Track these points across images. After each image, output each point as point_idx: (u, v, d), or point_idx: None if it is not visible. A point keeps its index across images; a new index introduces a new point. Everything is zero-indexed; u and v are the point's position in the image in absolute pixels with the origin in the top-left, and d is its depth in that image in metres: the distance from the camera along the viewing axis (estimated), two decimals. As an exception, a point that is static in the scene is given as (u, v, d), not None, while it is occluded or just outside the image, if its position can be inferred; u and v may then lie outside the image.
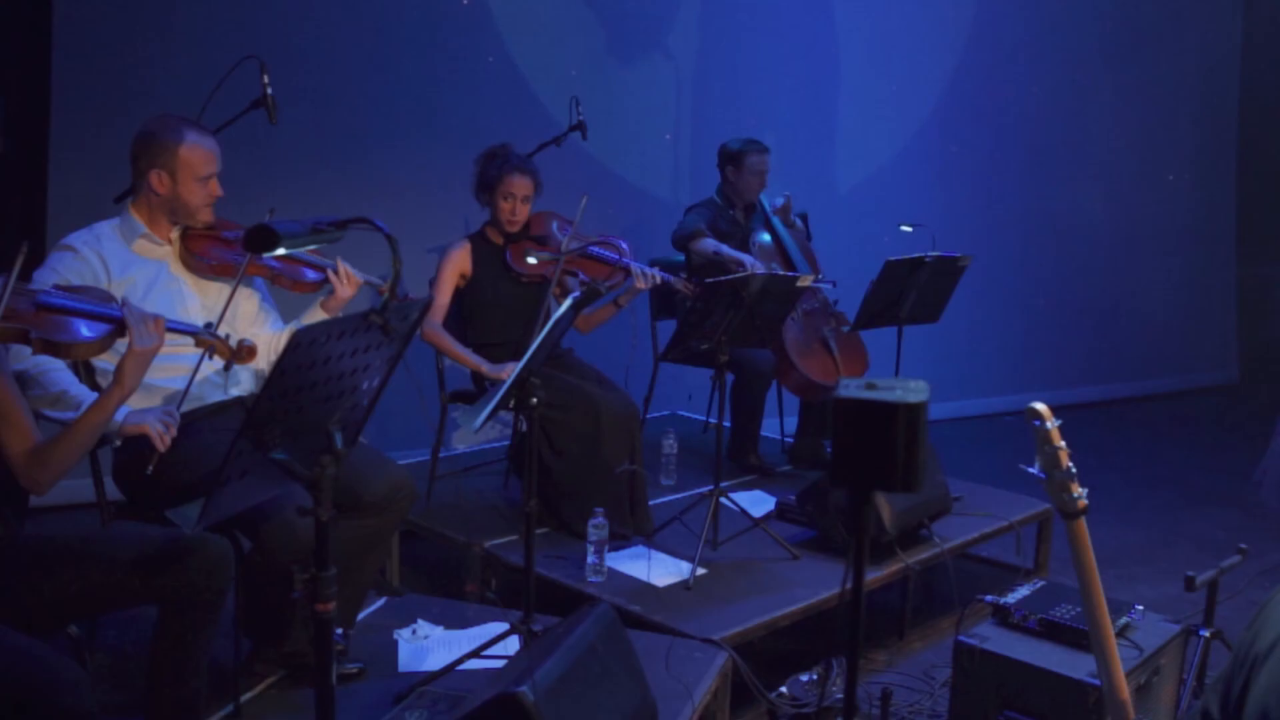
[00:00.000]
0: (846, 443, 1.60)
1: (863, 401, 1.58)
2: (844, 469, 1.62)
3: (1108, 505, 5.97)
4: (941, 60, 7.56)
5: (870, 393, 1.59)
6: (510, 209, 4.47)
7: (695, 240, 5.17)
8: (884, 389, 1.61)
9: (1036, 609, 3.48)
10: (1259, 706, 1.50)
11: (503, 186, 4.44)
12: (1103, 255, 8.37)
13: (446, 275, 4.51)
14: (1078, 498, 2.37)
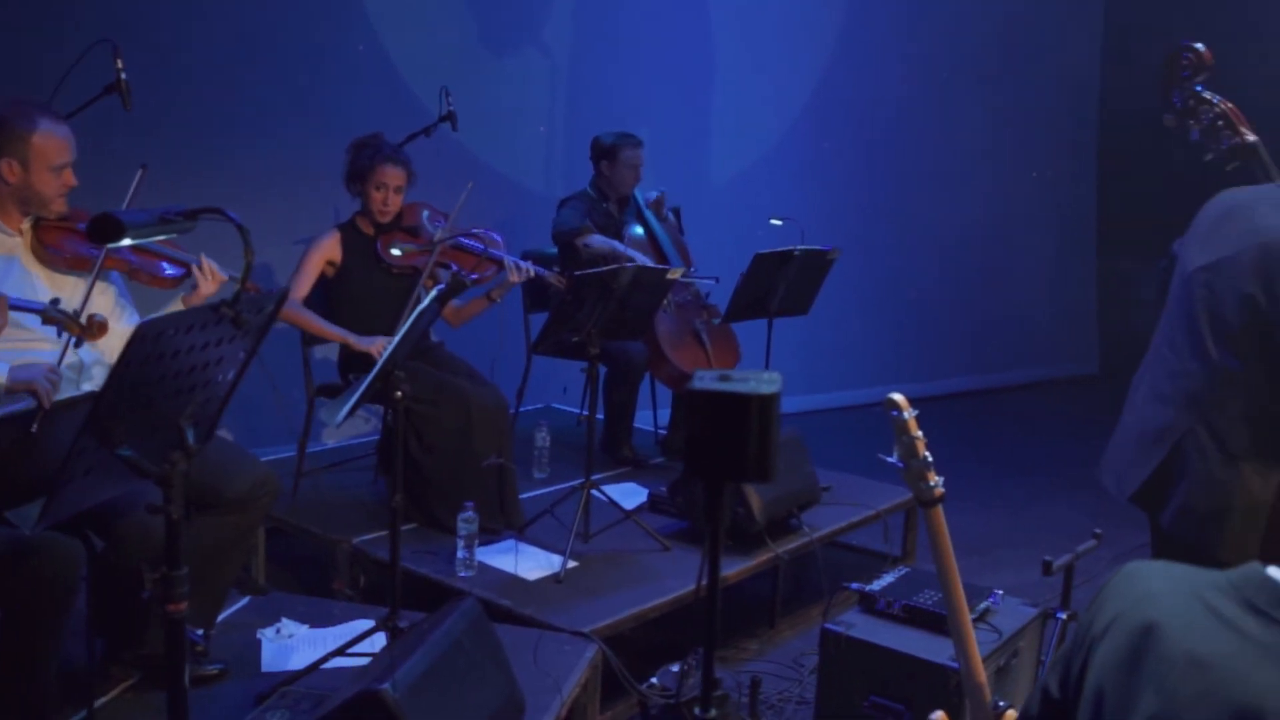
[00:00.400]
0: (700, 434, 1.60)
1: (716, 393, 1.58)
2: (698, 460, 1.62)
3: (974, 493, 6.14)
4: (814, 57, 7.67)
5: (723, 384, 1.60)
6: (382, 199, 4.41)
7: (582, 236, 5.13)
8: (737, 381, 1.61)
9: (900, 595, 3.56)
10: (1095, 684, 1.55)
11: (375, 176, 4.38)
12: (970, 250, 8.58)
13: (312, 260, 4.43)
14: (934, 486, 2.41)
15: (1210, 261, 2.85)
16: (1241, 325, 2.76)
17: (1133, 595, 1.57)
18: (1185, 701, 1.40)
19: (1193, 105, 2.98)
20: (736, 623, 4.43)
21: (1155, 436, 2.95)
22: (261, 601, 3.81)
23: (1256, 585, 1.45)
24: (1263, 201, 2.84)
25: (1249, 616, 1.43)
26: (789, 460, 4.45)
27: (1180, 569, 1.58)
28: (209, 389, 2.20)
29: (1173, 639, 1.46)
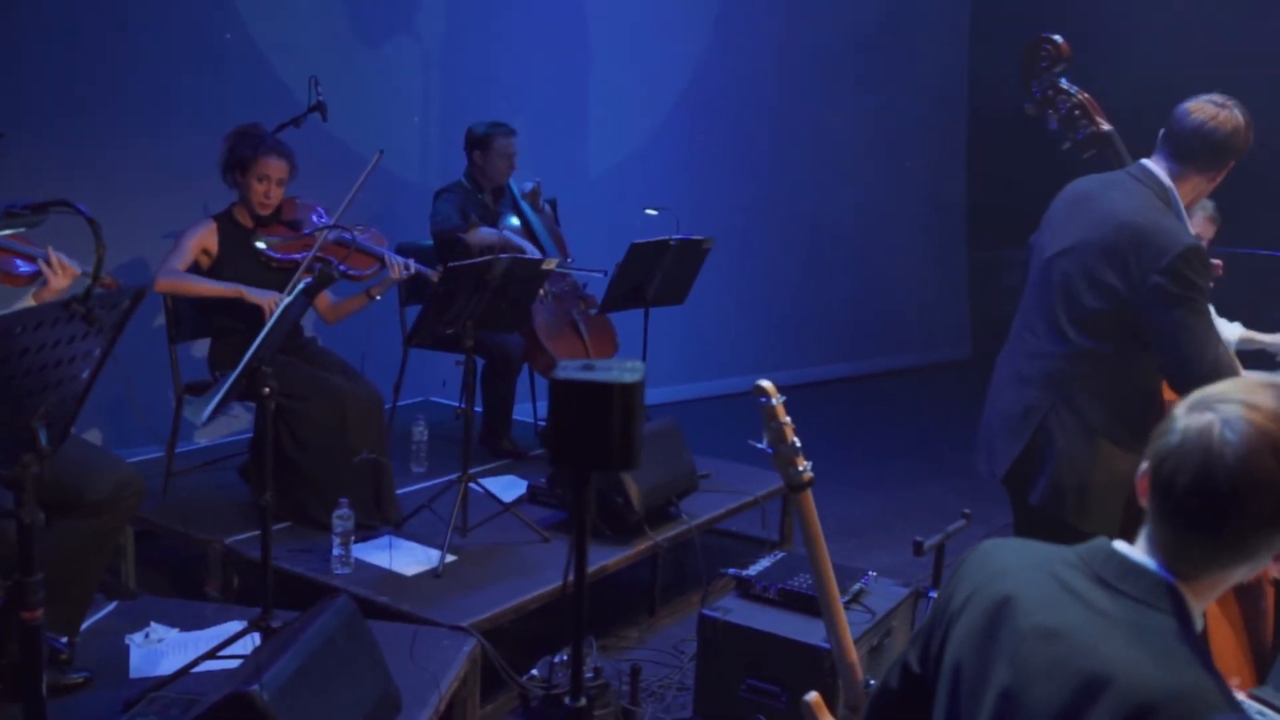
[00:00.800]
0: (564, 424, 1.61)
1: (579, 383, 1.59)
2: (562, 450, 1.62)
3: (850, 478, 6.25)
4: (690, 47, 7.70)
5: (586, 374, 1.60)
6: (264, 191, 4.32)
7: (471, 232, 5.06)
8: (600, 370, 1.62)
9: (776, 579, 3.61)
10: (953, 659, 1.59)
11: (257, 168, 4.29)
12: (845, 239, 8.71)
13: (190, 243, 4.30)
14: (803, 471, 2.46)
15: (1066, 247, 2.97)
16: (1098, 307, 2.88)
17: (987, 572, 1.62)
18: (1037, 672, 1.45)
19: (1052, 95, 3.10)
20: (617, 611, 4.44)
21: (1020, 417, 3.06)
22: (130, 606, 3.71)
23: (1104, 559, 1.51)
24: (1113, 188, 2.96)
25: (1097, 589, 1.48)
26: (667, 449, 4.48)
27: (1033, 545, 1.63)
28: (62, 388, 2.13)
29: (1024, 612, 1.51)
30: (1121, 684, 1.37)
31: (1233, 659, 3.16)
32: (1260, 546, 1.41)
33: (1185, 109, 2.89)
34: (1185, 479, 1.39)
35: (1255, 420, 1.37)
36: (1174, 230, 2.80)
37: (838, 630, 2.51)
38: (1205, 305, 2.81)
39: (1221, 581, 1.46)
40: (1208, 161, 2.88)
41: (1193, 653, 1.39)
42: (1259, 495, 1.36)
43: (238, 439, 5.32)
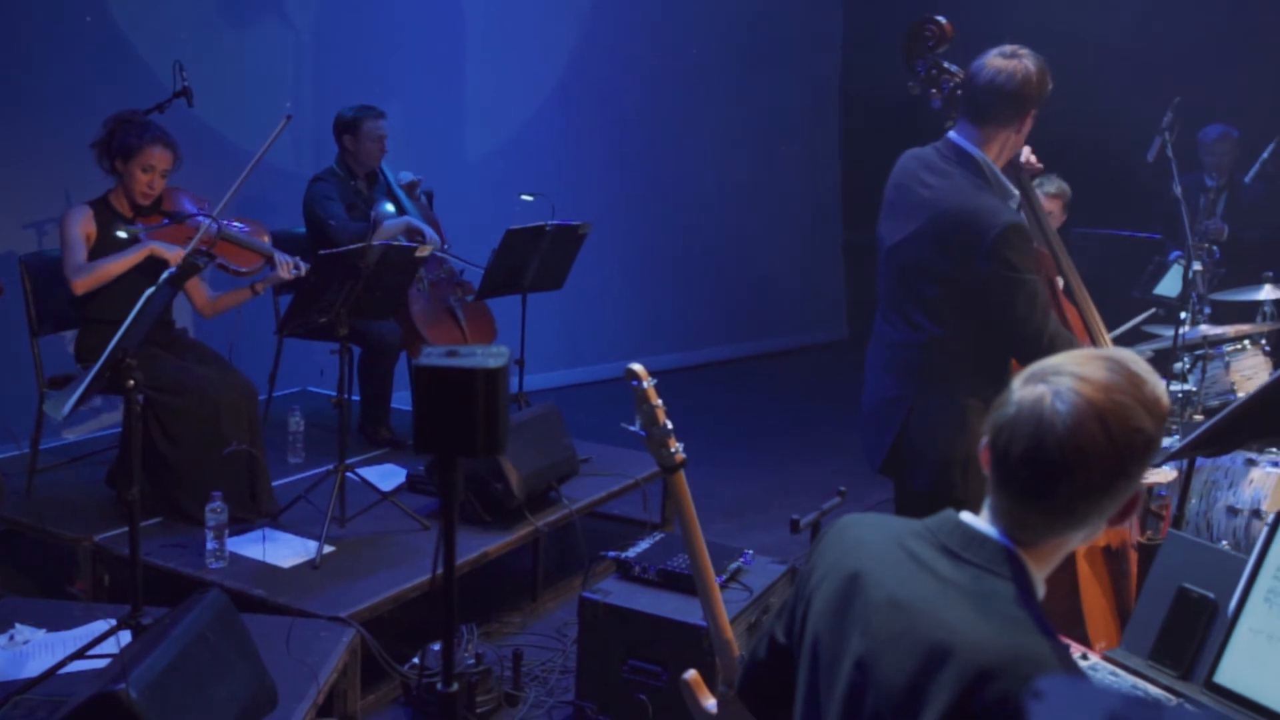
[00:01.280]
0: (428, 410, 1.61)
1: (442, 369, 1.59)
2: (427, 436, 1.62)
3: (731, 459, 6.33)
4: (566, 32, 7.69)
5: (450, 360, 1.60)
6: (148, 181, 4.21)
7: (377, 230, 4.97)
8: (464, 356, 1.62)
9: (655, 561, 3.65)
10: (813, 632, 1.64)
11: (143, 157, 4.17)
12: (723, 223, 8.79)
13: (78, 233, 4.15)
14: (675, 452, 2.48)
15: (897, 241, 3.04)
16: (938, 295, 2.96)
17: (844, 547, 1.66)
18: (887, 641, 1.50)
19: (935, 74, 3.15)
20: (499, 597, 4.45)
21: (888, 407, 3.13)
22: (-8, 608, 3.60)
23: (949, 530, 1.57)
24: (923, 169, 3.03)
25: (942, 558, 1.54)
26: (546, 434, 4.49)
27: (887, 520, 1.69)
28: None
29: (876, 584, 1.56)
30: (963, 650, 1.42)
31: (1103, 620, 3.30)
32: (1092, 512, 1.48)
33: (974, 69, 2.93)
34: (1019, 448, 1.45)
35: (1084, 391, 1.44)
36: (990, 211, 2.85)
37: (713, 608, 2.55)
38: (1035, 279, 2.88)
39: (1060, 547, 1.53)
40: (1007, 115, 2.91)
41: (1031, 618, 1.45)
42: (1087, 463, 1.42)
43: (108, 434, 5.18)
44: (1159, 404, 1.47)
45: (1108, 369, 1.46)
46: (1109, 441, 1.42)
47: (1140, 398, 1.45)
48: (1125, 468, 1.45)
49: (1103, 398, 1.43)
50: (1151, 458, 1.47)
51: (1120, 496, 1.48)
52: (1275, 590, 2.05)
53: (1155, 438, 1.46)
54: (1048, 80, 2.93)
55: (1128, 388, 1.45)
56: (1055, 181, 4.71)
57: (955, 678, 1.41)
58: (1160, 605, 2.19)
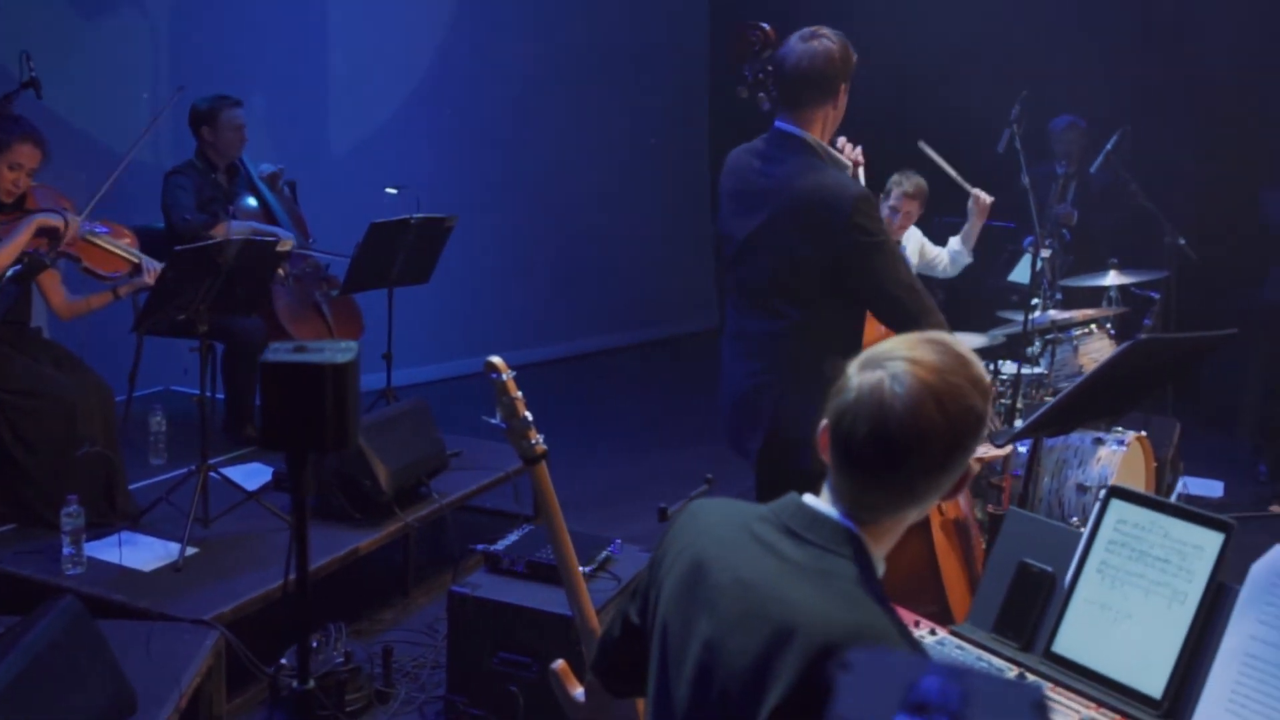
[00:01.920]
0: (276, 406, 1.61)
1: (289, 364, 1.58)
2: (275, 433, 1.62)
3: (602, 450, 6.37)
4: (434, 21, 7.62)
5: (298, 355, 1.60)
6: (14, 180, 4.06)
7: (219, 229, 4.86)
8: (312, 351, 1.62)
9: (524, 553, 3.66)
10: (662, 616, 1.67)
11: (10, 154, 4.02)
12: (594, 214, 8.81)
13: None
14: (535, 444, 2.50)
15: (750, 232, 3.09)
16: (799, 278, 3.01)
17: (693, 532, 1.70)
18: (733, 622, 1.54)
19: (762, 78, 3.23)
20: (370, 594, 4.41)
21: (757, 394, 3.17)
22: None
23: (792, 511, 1.61)
24: (756, 160, 3.12)
25: (786, 539, 1.58)
26: (415, 429, 4.47)
27: (734, 504, 1.73)
28: None
29: (722, 567, 1.60)
30: (806, 627, 1.46)
31: (961, 591, 3.42)
32: (930, 489, 1.55)
33: (780, 56, 3.02)
34: (863, 430, 1.51)
35: (918, 374, 1.50)
36: (838, 186, 2.94)
37: (578, 598, 2.57)
38: (892, 243, 3.00)
39: (897, 525, 1.59)
40: (819, 95, 2.99)
41: (871, 595, 1.50)
42: (927, 442, 1.49)
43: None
44: (984, 382, 1.55)
45: (936, 352, 1.53)
46: (945, 420, 1.49)
47: (969, 377, 1.53)
48: (960, 444, 1.52)
49: (936, 379, 1.50)
50: (982, 434, 1.55)
51: (956, 473, 1.55)
52: (1107, 562, 2.15)
53: (985, 415, 1.54)
54: (850, 54, 3.02)
55: (957, 368, 1.52)
56: (913, 178, 4.84)
57: (799, 655, 1.45)
58: (1002, 580, 2.28)
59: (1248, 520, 5.73)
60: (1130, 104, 6.89)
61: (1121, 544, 2.15)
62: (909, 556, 3.17)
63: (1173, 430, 5.66)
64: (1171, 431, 5.63)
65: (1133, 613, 2.09)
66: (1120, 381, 2.96)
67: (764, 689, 1.47)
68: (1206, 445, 6.92)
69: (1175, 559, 2.07)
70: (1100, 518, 2.19)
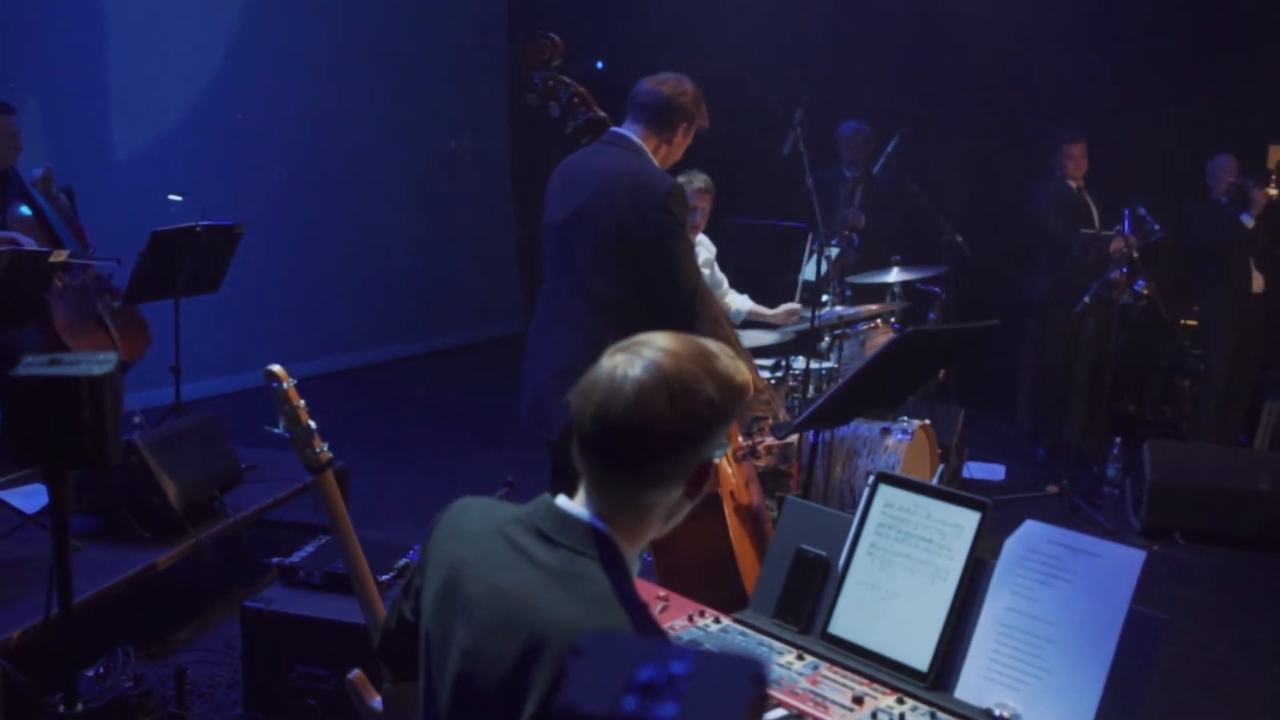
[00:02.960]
0: (27, 422, 1.55)
1: (41, 379, 1.54)
2: (28, 450, 1.56)
3: (406, 457, 6.31)
4: (222, 23, 7.40)
5: (51, 369, 1.55)
6: None
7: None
8: (68, 364, 1.57)
9: (321, 564, 3.60)
10: (426, 621, 1.67)
11: None
12: (395, 219, 8.72)
13: None
14: (320, 452, 2.48)
15: (572, 212, 3.22)
16: (614, 255, 3.14)
17: (450, 534, 1.71)
18: (489, 630, 1.54)
19: (552, 85, 3.34)
20: (163, 614, 4.26)
21: (561, 377, 3.21)
22: None
23: (544, 514, 1.62)
24: (589, 156, 3.34)
25: (538, 543, 1.59)
26: (205, 442, 4.34)
27: (492, 505, 1.73)
28: None
29: (476, 574, 1.60)
30: (557, 635, 1.46)
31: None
32: (661, 479, 1.56)
33: (645, 84, 3.31)
34: (590, 411, 1.54)
35: (659, 360, 1.53)
36: (657, 173, 3.21)
37: (371, 606, 2.57)
38: (689, 240, 3.22)
39: (644, 520, 1.61)
40: (660, 122, 3.29)
41: (620, 598, 1.51)
42: (650, 425, 1.51)
43: None
44: (730, 381, 1.57)
45: (686, 345, 1.57)
46: (672, 406, 1.51)
47: (710, 370, 1.56)
48: (689, 434, 1.54)
49: (672, 365, 1.53)
50: (718, 431, 1.57)
51: (687, 463, 1.56)
52: (876, 545, 2.26)
53: (722, 410, 1.56)
54: (702, 107, 3.34)
55: (700, 360, 1.56)
56: (700, 177, 4.95)
57: (552, 662, 1.45)
58: (782, 566, 2.37)
59: (1027, 500, 6.09)
60: (908, 109, 7.22)
61: (889, 526, 2.26)
62: (705, 544, 3.25)
63: (956, 418, 5.95)
64: (955, 419, 5.92)
65: (900, 591, 2.20)
66: (892, 372, 3.12)
67: (521, 697, 1.47)
68: (989, 431, 7.31)
69: (937, 538, 2.19)
70: (869, 503, 2.30)
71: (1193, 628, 4.74)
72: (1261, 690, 4.20)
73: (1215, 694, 4.15)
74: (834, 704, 2.05)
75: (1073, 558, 2.07)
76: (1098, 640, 1.98)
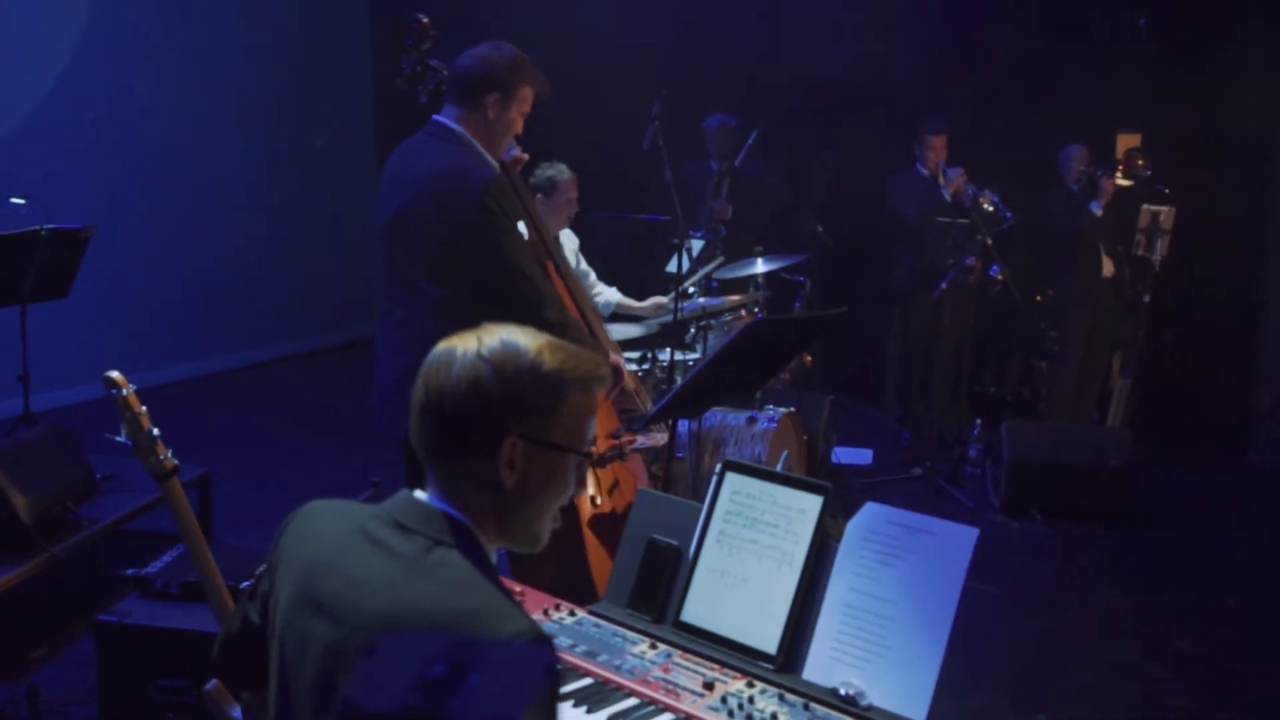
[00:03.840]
0: None
1: None
2: None
3: (272, 463, 6.20)
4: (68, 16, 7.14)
5: None
6: None
7: None
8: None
9: (179, 573, 3.53)
10: (280, 624, 1.66)
11: None
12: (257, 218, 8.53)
13: None
14: (164, 459, 2.44)
15: (393, 214, 3.18)
16: (440, 259, 3.10)
17: (303, 536, 1.70)
18: (351, 623, 1.53)
19: (420, 71, 3.26)
20: (17, 633, 4.13)
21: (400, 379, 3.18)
22: None
23: (403, 506, 1.63)
24: (412, 150, 3.24)
25: (397, 534, 1.60)
26: (56, 453, 4.22)
27: (348, 506, 1.72)
28: None
29: (335, 570, 1.60)
30: (422, 619, 1.47)
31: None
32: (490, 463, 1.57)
33: (460, 57, 3.19)
34: (423, 393, 1.57)
35: (491, 342, 1.57)
36: (476, 168, 3.10)
37: (225, 613, 2.53)
38: (517, 230, 3.13)
39: (495, 511, 1.61)
40: (479, 99, 3.15)
41: (483, 579, 1.53)
42: (479, 399, 1.54)
43: None
44: (562, 360, 1.59)
45: (523, 332, 1.60)
46: (500, 380, 1.54)
47: (542, 348, 1.59)
48: (521, 407, 1.56)
49: (502, 358, 1.56)
50: (549, 418, 1.59)
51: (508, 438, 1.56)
52: (725, 532, 2.29)
53: (556, 397, 1.58)
54: (521, 72, 3.18)
55: (524, 351, 1.58)
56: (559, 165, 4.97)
57: (425, 648, 1.44)
58: (635, 557, 2.39)
59: (893, 483, 6.24)
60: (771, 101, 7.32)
61: (737, 513, 2.30)
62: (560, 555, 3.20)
63: (823, 405, 6.05)
64: (822, 406, 6.02)
65: (749, 576, 2.24)
66: (745, 361, 3.16)
67: (389, 686, 1.46)
68: (858, 416, 7.46)
69: (783, 523, 2.24)
70: (717, 491, 2.34)
71: (1050, 601, 4.91)
72: (1116, 658, 4.37)
73: (1074, 663, 4.31)
74: (685, 691, 2.08)
75: (910, 537, 2.13)
76: (936, 616, 2.05)
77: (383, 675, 1.49)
